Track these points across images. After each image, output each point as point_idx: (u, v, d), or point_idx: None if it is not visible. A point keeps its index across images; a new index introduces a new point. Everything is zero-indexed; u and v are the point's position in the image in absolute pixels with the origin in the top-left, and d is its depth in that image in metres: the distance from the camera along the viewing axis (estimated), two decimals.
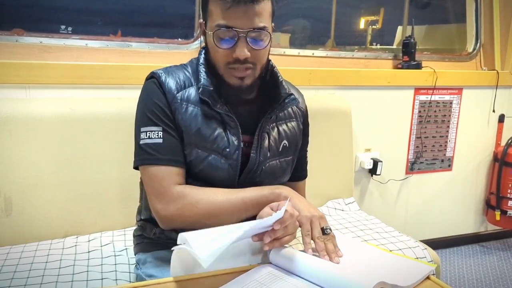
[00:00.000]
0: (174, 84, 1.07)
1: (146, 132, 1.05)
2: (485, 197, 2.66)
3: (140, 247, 1.21)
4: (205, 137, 1.06)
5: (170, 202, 1.02)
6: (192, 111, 1.06)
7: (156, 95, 1.07)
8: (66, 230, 1.55)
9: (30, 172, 1.49)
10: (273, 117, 1.14)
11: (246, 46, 1.00)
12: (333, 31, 2.51)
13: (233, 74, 1.04)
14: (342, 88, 2.13)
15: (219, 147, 1.07)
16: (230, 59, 1.02)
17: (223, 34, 1.00)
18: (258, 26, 1.00)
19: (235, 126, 1.08)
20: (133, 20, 2.01)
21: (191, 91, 1.08)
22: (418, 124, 2.36)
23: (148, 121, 1.05)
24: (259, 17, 0.99)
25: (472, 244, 2.69)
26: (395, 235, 1.64)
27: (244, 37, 1.00)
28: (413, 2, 2.49)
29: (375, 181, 2.31)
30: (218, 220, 0.99)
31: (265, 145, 1.12)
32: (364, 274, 0.90)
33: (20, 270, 1.29)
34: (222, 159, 1.07)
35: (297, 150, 1.22)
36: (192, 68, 1.13)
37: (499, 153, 2.50)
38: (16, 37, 1.65)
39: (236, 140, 1.08)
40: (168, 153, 1.04)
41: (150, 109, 1.06)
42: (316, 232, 0.99)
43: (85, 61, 1.72)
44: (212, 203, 1.02)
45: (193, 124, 1.06)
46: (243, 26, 0.99)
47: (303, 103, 1.26)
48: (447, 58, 2.49)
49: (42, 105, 1.53)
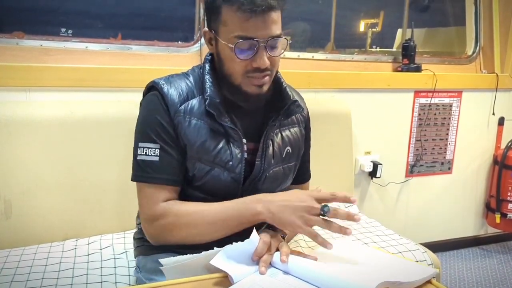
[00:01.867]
0: (177, 96, 1.06)
1: (143, 148, 1.05)
2: (485, 200, 2.66)
3: (140, 250, 1.20)
4: (208, 151, 1.06)
5: (154, 221, 1.04)
6: (195, 124, 1.05)
7: (157, 111, 1.05)
8: (65, 233, 1.55)
9: (30, 174, 1.49)
10: (277, 124, 1.13)
11: (266, 55, 1.00)
12: (333, 34, 2.52)
13: (252, 83, 1.03)
14: (342, 91, 2.13)
15: (222, 160, 1.06)
16: (249, 68, 1.01)
17: (243, 45, 0.99)
18: (276, 34, 1.00)
19: (238, 138, 1.07)
20: (133, 23, 2.01)
21: (194, 103, 1.07)
22: (418, 127, 2.36)
23: (147, 137, 1.05)
24: (276, 24, 1.00)
25: (472, 247, 2.69)
26: (395, 238, 1.64)
27: (264, 46, 0.99)
28: (412, 5, 2.50)
29: (375, 184, 2.31)
30: (203, 237, 1.02)
31: (269, 152, 1.12)
32: (366, 276, 0.90)
33: (19, 273, 1.29)
34: (225, 172, 1.07)
35: (299, 155, 1.23)
36: (195, 77, 1.11)
37: (499, 156, 2.50)
38: (16, 40, 1.65)
39: (240, 152, 1.07)
40: (163, 172, 1.04)
41: (150, 125, 1.05)
42: (318, 225, 0.94)
43: (85, 64, 1.72)
44: (194, 220, 1.02)
45: (196, 137, 1.05)
46: (263, 35, 0.99)
47: (304, 107, 1.26)
48: (447, 61, 2.50)
49: (42, 108, 1.53)
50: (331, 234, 0.98)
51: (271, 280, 0.88)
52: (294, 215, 0.95)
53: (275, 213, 0.97)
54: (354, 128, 2.05)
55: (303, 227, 0.94)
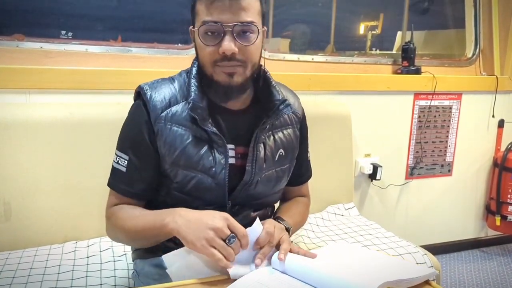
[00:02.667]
0: (159, 102, 1.05)
1: (117, 156, 1.09)
2: (485, 202, 2.65)
3: (137, 254, 1.20)
4: (189, 158, 1.04)
5: (106, 220, 1.11)
6: (176, 131, 1.04)
7: (137, 122, 1.07)
8: (65, 235, 1.55)
9: (29, 177, 1.49)
10: (269, 126, 1.11)
11: (232, 41, 0.98)
12: (332, 37, 2.52)
13: (222, 71, 1.00)
14: (342, 93, 2.13)
15: (205, 166, 1.05)
16: (217, 56, 0.99)
17: (208, 29, 0.98)
18: (244, 20, 0.98)
19: (222, 144, 1.05)
20: (133, 26, 2.02)
21: (177, 109, 1.06)
22: (417, 129, 2.36)
23: (121, 146, 1.09)
24: (245, 11, 0.98)
25: (472, 250, 2.69)
26: (395, 241, 1.64)
27: (230, 31, 0.97)
28: (412, 8, 2.50)
29: (375, 186, 2.31)
30: (133, 243, 1.15)
31: (260, 156, 1.09)
32: (367, 276, 0.89)
33: (19, 275, 1.29)
34: (208, 179, 1.05)
35: (293, 157, 1.20)
36: (180, 82, 1.10)
37: (499, 158, 2.50)
38: (16, 42, 1.65)
39: (223, 158, 1.05)
40: (124, 183, 1.08)
41: (127, 136, 1.09)
42: (219, 249, 0.89)
43: (85, 66, 1.72)
44: (124, 226, 1.05)
45: (178, 144, 1.04)
46: (229, 20, 0.97)
47: (299, 107, 1.23)
48: (447, 64, 2.50)
49: (42, 110, 1.53)
50: (330, 236, 0.98)
51: (271, 279, 0.88)
52: (200, 233, 0.90)
53: (181, 227, 0.93)
54: (354, 130, 2.05)
55: (205, 246, 0.89)
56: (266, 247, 0.95)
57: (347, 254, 1.01)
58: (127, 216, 1.06)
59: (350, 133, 2.03)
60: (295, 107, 1.20)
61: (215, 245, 0.88)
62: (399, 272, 0.89)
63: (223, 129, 1.08)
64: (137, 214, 1.05)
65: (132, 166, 1.07)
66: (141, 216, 1.04)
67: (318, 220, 1.84)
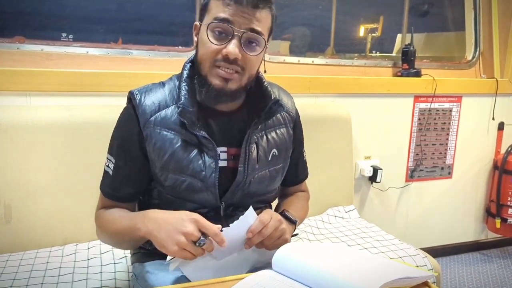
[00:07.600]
0: (149, 106, 1.06)
1: (107, 159, 1.11)
2: (485, 205, 2.65)
3: (136, 257, 1.20)
4: (179, 162, 1.05)
5: (95, 221, 1.14)
6: (165, 135, 1.05)
7: (126, 127, 1.09)
8: (65, 238, 1.55)
9: (30, 179, 1.49)
10: (261, 126, 1.11)
11: (238, 47, 0.98)
12: (332, 39, 2.53)
13: (218, 74, 1.00)
14: (342, 96, 2.13)
15: (195, 170, 1.05)
16: (218, 56, 0.99)
17: (218, 26, 0.99)
18: (255, 29, 0.99)
19: (212, 147, 1.05)
20: (134, 28, 2.02)
21: (167, 113, 1.06)
22: (417, 131, 2.36)
23: (111, 149, 1.11)
24: (258, 22, 0.99)
25: (473, 252, 2.68)
26: (395, 243, 1.64)
27: (239, 36, 0.98)
28: (412, 10, 2.51)
29: (375, 189, 2.31)
30: (114, 245, 1.18)
31: (253, 157, 1.09)
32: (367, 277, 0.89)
33: (19, 277, 1.29)
34: (198, 182, 1.06)
35: (287, 157, 1.20)
36: (170, 87, 1.10)
37: (499, 160, 2.50)
38: (17, 44, 1.66)
39: (213, 162, 1.05)
40: (109, 186, 1.11)
41: (116, 140, 1.11)
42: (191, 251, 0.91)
43: (86, 68, 1.72)
44: (106, 228, 1.09)
45: (167, 148, 1.04)
46: (241, 25, 0.98)
47: (292, 106, 1.22)
48: (447, 66, 2.50)
49: (42, 113, 1.53)
50: (330, 238, 0.98)
51: (272, 282, 0.88)
52: (171, 238, 0.91)
53: (153, 232, 0.95)
54: (354, 133, 2.06)
55: (177, 251, 0.90)
56: (257, 236, 0.96)
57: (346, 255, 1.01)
58: (108, 219, 1.09)
59: (350, 135, 2.03)
60: (288, 106, 1.20)
61: (187, 248, 0.90)
62: (398, 271, 0.89)
63: (214, 132, 1.08)
64: (116, 218, 1.07)
65: (119, 170, 1.08)
66: (119, 219, 1.06)
67: (318, 222, 1.84)
